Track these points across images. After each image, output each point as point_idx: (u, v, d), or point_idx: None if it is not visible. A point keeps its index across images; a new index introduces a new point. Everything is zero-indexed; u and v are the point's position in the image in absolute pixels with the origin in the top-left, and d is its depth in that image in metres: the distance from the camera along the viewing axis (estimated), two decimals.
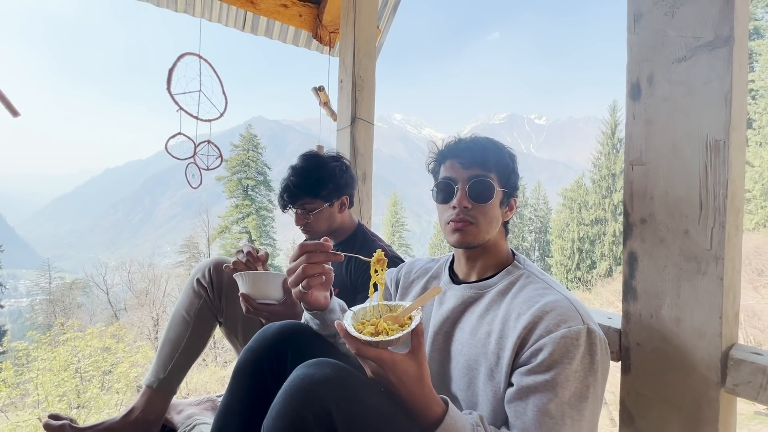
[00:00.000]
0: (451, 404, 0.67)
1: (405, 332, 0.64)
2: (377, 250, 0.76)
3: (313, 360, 0.65)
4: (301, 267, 0.74)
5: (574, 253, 23.95)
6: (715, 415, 0.69)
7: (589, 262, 23.64)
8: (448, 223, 0.84)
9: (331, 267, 0.78)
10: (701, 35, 0.71)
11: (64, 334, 9.42)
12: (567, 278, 23.87)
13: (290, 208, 1.34)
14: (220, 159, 2.52)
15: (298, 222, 1.34)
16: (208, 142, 2.44)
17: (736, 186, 0.71)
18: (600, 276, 21.93)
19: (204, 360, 12.59)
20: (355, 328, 0.66)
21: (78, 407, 8.14)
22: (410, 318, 0.69)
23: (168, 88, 2.12)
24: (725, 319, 0.69)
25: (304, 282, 0.74)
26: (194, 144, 2.45)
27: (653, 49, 0.77)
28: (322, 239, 0.76)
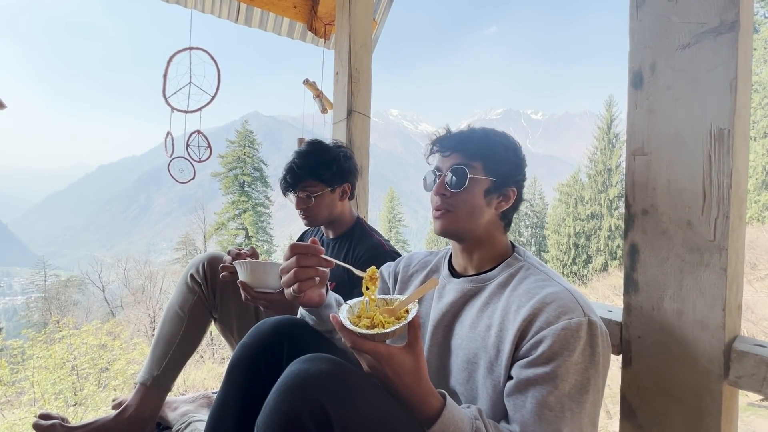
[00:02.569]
0: (449, 398, 0.66)
1: (401, 325, 0.62)
2: (371, 267, 0.74)
3: (308, 355, 0.64)
4: (292, 271, 0.72)
5: (570, 248, 24.08)
6: (718, 407, 0.68)
7: (585, 256, 23.78)
8: (432, 212, 0.85)
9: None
10: (706, 21, 0.70)
11: (60, 331, 9.36)
12: (563, 273, 23.98)
13: (291, 191, 1.32)
14: (209, 150, 2.45)
15: (298, 205, 1.31)
16: (198, 132, 2.37)
17: (740, 176, 0.69)
18: (596, 270, 22.08)
19: (201, 356, 12.58)
20: (350, 321, 0.64)
21: (75, 405, 8.11)
22: (407, 311, 0.67)
23: (163, 93, 2.07)
24: (728, 311, 0.68)
25: (296, 286, 0.72)
26: (172, 142, 2.38)
27: (656, 36, 0.76)
28: (310, 240, 0.74)
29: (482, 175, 0.82)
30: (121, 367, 8.99)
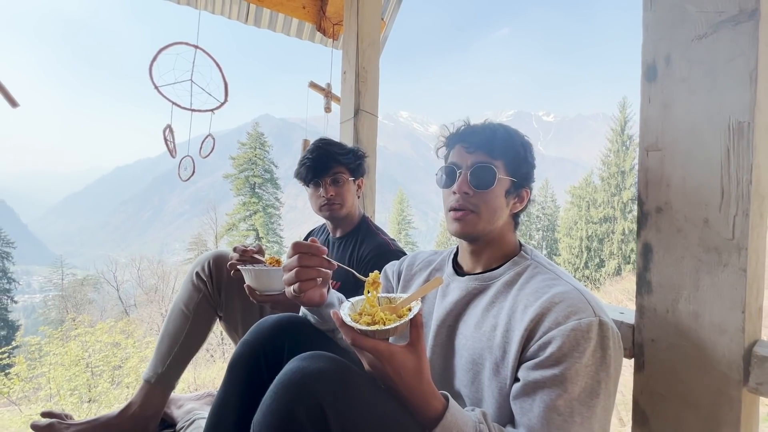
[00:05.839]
0: (451, 400, 0.64)
1: (402, 322, 0.60)
2: (374, 271, 0.73)
3: (308, 353, 0.62)
4: (294, 270, 0.71)
5: (582, 251, 23.70)
6: (737, 415, 0.65)
7: (597, 260, 23.37)
8: (450, 211, 0.81)
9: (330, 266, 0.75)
10: (724, 9, 0.66)
11: (76, 329, 9.56)
12: (575, 277, 23.53)
13: (320, 179, 1.30)
14: (173, 144, 2.40)
15: (328, 192, 1.30)
16: (169, 127, 2.31)
17: (761, 171, 0.66)
18: (609, 275, 21.67)
19: (212, 356, 12.70)
20: (351, 318, 0.63)
21: (89, 401, 8.27)
22: (409, 309, 0.65)
23: (151, 79, 2.04)
24: (748, 314, 0.65)
25: (296, 285, 0.71)
26: (172, 137, 2.33)
27: (671, 27, 0.73)
28: (310, 239, 0.73)
29: (504, 175, 0.79)
30: (134, 364, 9.14)
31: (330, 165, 1.30)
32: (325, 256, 0.72)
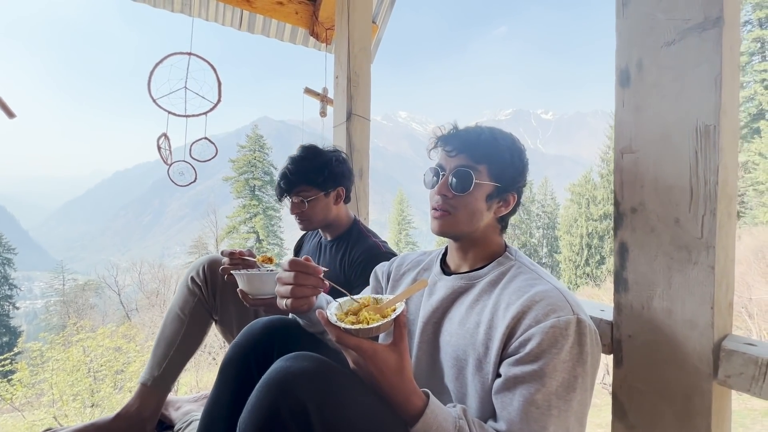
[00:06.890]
0: (432, 397, 0.66)
1: (385, 321, 0.63)
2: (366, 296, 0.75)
3: (293, 353, 0.65)
4: (289, 288, 0.73)
5: (582, 248, 23.72)
6: (708, 407, 0.67)
7: (598, 257, 23.39)
8: (431, 210, 0.84)
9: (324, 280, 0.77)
10: (690, 17, 0.69)
11: (77, 334, 9.59)
12: (576, 274, 23.65)
13: (286, 196, 1.35)
14: (170, 155, 2.43)
15: (293, 210, 1.34)
16: (164, 135, 2.33)
17: (727, 172, 0.68)
18: (610, 272, 21.67)
19: (214, 359, 12.71)
20: (337, 317, 0.66)
21: (92, 406, 8.29)
22: (393, 309, 0.68)
23: (149, 93, 2.07)
24: (717, 309, 0.67)
25: (289, 301, 0.73)
26: (169, 145, 2.35)
27: (642, 34, 0.75)
28: (303, 258, 0.75)
29: (486, 180, 0.81)
30: (136, 369, 9.15)
31: (292, 186, 1.32)
32: (321, 276, 0.74)
